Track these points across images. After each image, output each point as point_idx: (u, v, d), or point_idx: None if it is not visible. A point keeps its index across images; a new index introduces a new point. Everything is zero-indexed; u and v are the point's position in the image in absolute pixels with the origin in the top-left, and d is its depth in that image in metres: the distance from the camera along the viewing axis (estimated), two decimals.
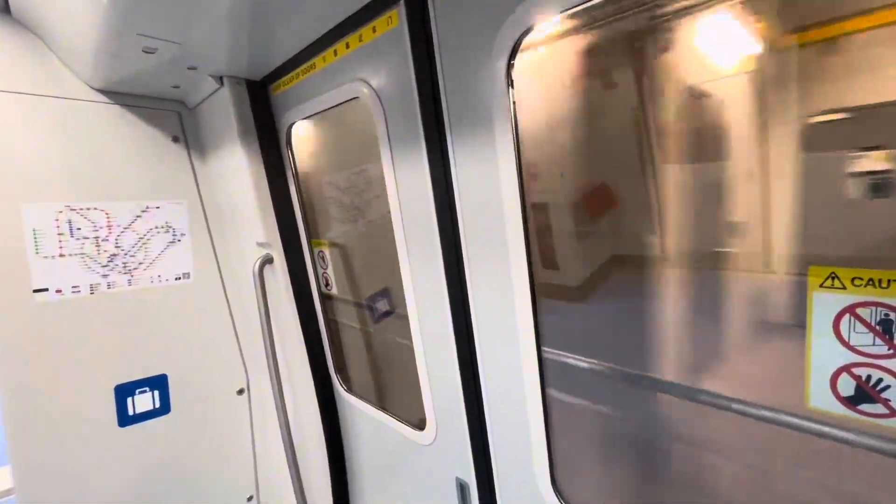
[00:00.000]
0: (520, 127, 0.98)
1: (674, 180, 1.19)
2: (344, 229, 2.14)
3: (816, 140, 0.84)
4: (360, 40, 1.29)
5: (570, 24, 1.15)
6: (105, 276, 1.81)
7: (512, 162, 1.00)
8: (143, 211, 1.89)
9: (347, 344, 2.09)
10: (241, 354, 2.19)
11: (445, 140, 1.13)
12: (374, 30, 1.23)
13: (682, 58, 1.09)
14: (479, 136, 1.05)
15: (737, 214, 1.04)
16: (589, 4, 0.81)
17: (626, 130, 1.36)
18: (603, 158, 1.52)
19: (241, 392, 2.20)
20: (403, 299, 1.43)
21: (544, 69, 1.28)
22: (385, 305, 2.11)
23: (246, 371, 2.21)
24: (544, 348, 1.11)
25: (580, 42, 1.25)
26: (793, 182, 0.90)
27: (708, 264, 1.13)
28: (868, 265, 0.62)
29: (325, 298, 1.98)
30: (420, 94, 1.15)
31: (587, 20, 1.14)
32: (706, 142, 1.12)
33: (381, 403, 1.84)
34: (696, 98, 1.13)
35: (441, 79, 1.10)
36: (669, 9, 1.02)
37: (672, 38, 1.08)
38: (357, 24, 1.27)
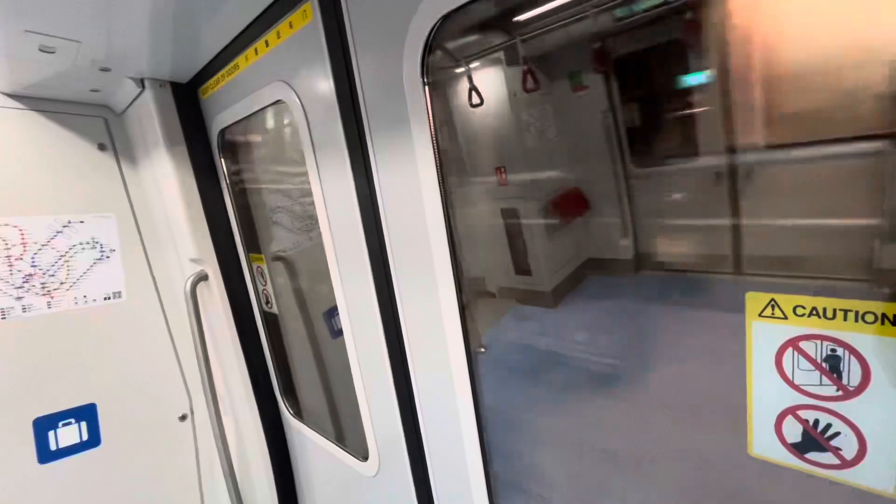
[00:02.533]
0: (438, 126, 0.87)
1: None
2: (296, 240, 2.01)
3: None
4: (279, 37, 1.17)
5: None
6: (19, 298, 1.64)
7: (432, 166, 0.89)
8: (65, 226, 1.73)
9: (297, 365, 1.95)
10: (184, 377, 2.03)
11: (366, 145, 1.02)
12: (290, 25, 1.11)
13: None
14: (398, 139, 0.94)
15: None
16: None
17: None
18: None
19: (183, 418, 2.04)
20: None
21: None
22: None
23: (189, 395, 2.05)
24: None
25: None
26: None
27: None
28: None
29: (271, 317, 1.84)
30: (338, 93, 1.04)
31: None
32: None
33: (330, 430, 1.71)
34: None
35: (358, 77, 0.98)
36: None
37: None
38: (274, 19, 1.15)
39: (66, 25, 1.14)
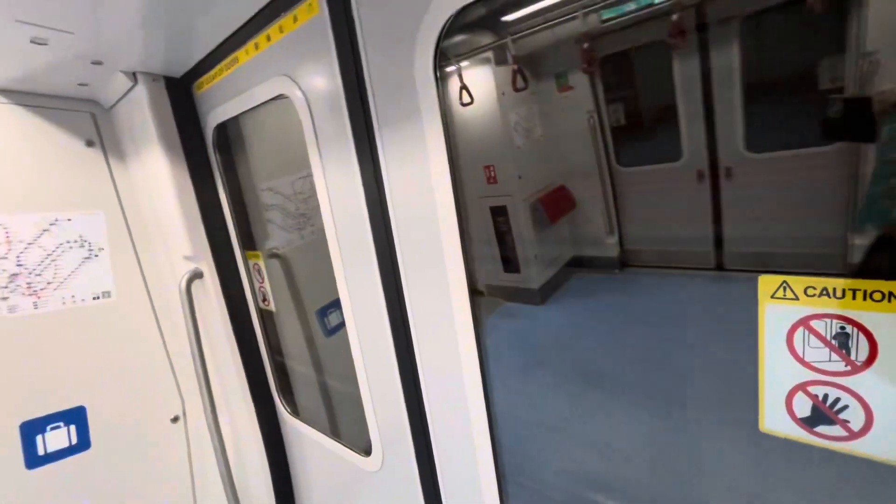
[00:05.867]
0: (451, 122, 0.88)
1: None
2: (289, 238, 1.99)
3: None
4: (282, 31, 1.16)
5: None
6: (4, 298, 1.58)
7: (444, 160, 0.90)
8: (52, 224, 1.68)
9: (293, 364, 1.93)
10: (175, 378, 1.99)
11: (374, 137, 1.02)
12: (294, 19, 1.11)
13: None
14: (409, 133, 0.95)
15: None
16: None
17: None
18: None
19: (175, 420, 2.00)
20: None
21: None
22: (339, 317, 1.98)
23: (181, 396, 2.01)
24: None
25: None
26: None
27: None
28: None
29: (265, 315, 1.82)
30: (346, 90, 1.04)
31: None
32: None
33: (328, 427, 1.70)
34: None
35: (367, 71, 0.99)
36: None
37: None
38: (277, 13, 1.14)
39: (60, 16, 1.11)
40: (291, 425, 1.80)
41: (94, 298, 1.78)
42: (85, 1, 1.06)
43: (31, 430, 1.64)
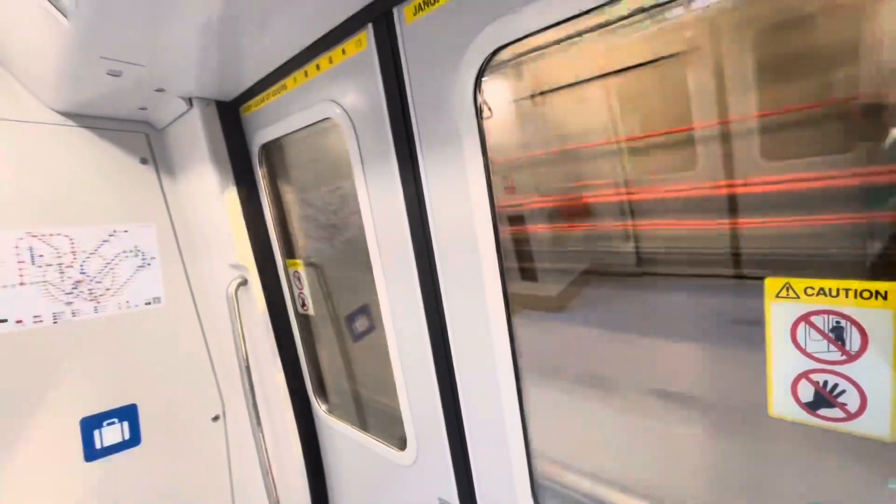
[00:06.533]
0: (488, 143, 1.00)
1: None
2: (320, 247, 2.12)
3: None
4: (331, 62, 1.29)
5: None
6: (69, 303, 1.74)
7: (482, 177, 1.01)
8: (111, 235, 1.84)
9: (326, 364, 2.05)
10: (216, 379, 2.13)
11: (416, 157, 1.14)
12: (343, 52, 1.24)
13: None
14: (450, 153, 1.06)
15: None
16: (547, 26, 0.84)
17: None
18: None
19: (216, 419, 2.13)
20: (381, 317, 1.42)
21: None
22: (365, 323, 2.09)
23: (221, 396, 2.14)
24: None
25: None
26: None
27: None
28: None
29: (303, 319, 1.95)
30: (390, 114, 1.16)
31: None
32: None
33: (362, 424, 1.81)
34: None
35: (410, 98, 1.11)
36: None
37: None
38: (326, 47, 1.28)
39: (138, 51, 1.26)
40: (326, 423, 1.91)
41: (146, 304, 1.93)
42: (157, 39, 1.20)
43: (90, 425, 1.78)
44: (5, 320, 1.60)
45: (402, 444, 1.53)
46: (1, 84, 1.62)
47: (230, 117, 1.74)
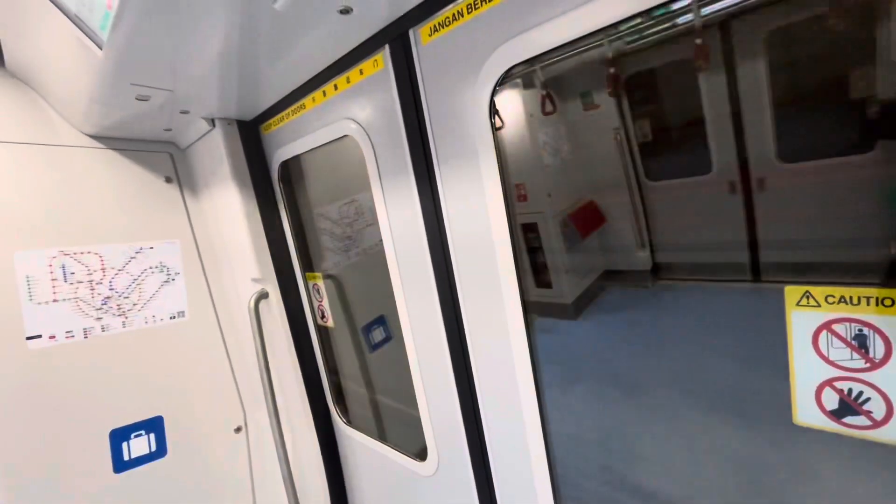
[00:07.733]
0: (504, 156, 1.02)
1: None
2: (337, 260, 2.16)
3: None
4: (348, 82, 1.34)
5: None
6: (99, 318, 1.80)
7: (498, 190, 1.04)
8: (137, 252, 1.90)
9: (346, 376, 2.08)
10: (238, 391, 2.17)
11: (433, 172, 1.17)
12: (360, 72, 1.29)
13: None
14: (466, 168, 1.09)
15: None
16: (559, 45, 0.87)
17: None
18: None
19: (238, 430, 2.16)
20: (399, 327, 1.44)
21: None
22: (381, 334, 2.12)
23: (243, 408, 2.18)
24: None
25: None
26: None
27: None
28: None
29: (322, 330, 1.98)
30: (407, 131, 1.20)
31: None
32: None
33: (382, 435, 1.82)
34: None
35: (427, 116, 1.14)
36: None
37: None
38: (344, 68, 1.32)
39: (165, 77, 1.32)
40: (346, 433, 1.93)
41: (170, 318, 1.98)
42: (184, 64, 1.26)
43: (118, 437, 1.83)
44: (39, 335, 1.67)
45: (422, 454, 1.54)
46: (37, 111, 1.70)
47: (251, 136, 1.80)
